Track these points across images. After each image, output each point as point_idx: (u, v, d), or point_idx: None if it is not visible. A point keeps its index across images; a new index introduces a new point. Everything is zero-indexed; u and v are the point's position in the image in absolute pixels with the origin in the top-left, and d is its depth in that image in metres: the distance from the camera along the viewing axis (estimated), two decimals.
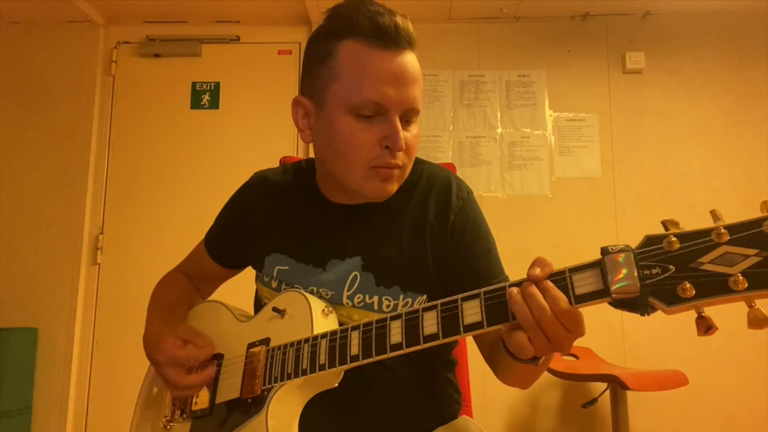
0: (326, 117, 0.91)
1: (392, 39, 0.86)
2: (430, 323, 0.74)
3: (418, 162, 1.03)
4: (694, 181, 2.92)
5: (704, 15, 3.04)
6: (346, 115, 0.88)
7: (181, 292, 1.16)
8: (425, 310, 0.75)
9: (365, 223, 0.99)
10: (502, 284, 0.71)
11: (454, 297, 0.74)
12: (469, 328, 0.71)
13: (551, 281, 0.66)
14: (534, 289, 0.66)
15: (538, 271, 0.67)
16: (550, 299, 0.65)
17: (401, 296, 0.95)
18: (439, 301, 0.75)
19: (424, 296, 0.96)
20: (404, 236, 0.97)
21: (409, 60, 0.89)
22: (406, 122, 0.91)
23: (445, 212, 0.98)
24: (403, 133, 0.88)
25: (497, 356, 0.88)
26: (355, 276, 0.96)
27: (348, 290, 0.95)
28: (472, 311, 0.71)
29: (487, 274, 0.96)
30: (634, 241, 0.62)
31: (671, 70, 3.03)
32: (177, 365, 0.94)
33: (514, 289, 0.68)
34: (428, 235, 0.97)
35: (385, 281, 0.95)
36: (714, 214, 0.57)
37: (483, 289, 0.72)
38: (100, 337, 2.88)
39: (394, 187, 0.93)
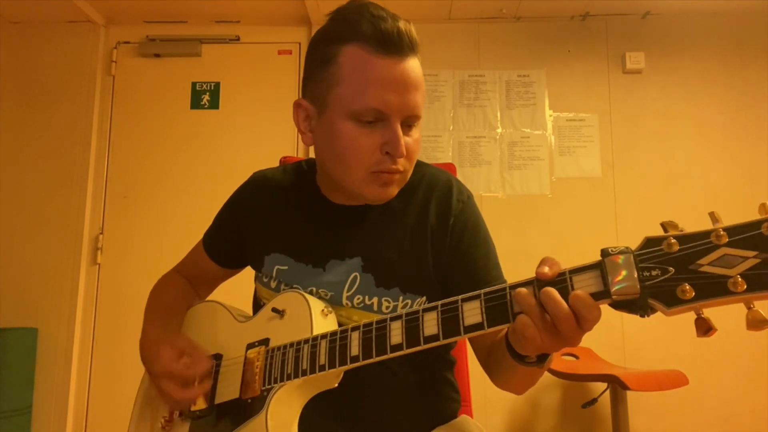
0: (327, 121, 0.90)
1: (395, 46, 0.86)
2: (431, 324, 0.74)
3: (420, 165, 1.03)
4: (694, 181, 2.92)
5: (704, 15, 3.04)
6: (347, 120, 0.88)
7: (179, 293, 1.16)
8: (425, 311, 0.75)
9: (366, 224, 0.99)
10: (502, 285, 0.71)
11: (455, 298, 0.74)
12: (470, 329, 0.71)
13: (551, 282, 0.66)
14: (550, 288, 0.65)
15: (546, 269, 0.66)
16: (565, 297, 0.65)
17: (401, 298, 0.95)
18: (439, 302, 0.75)
19: (424, 298, 0.96)
20: (405, 238, 0.97)
21: (411, 66, 0.88)
22: (408, 127, 0.90)
23: (446, 215, 0.98)
24: (404, 139, 0.88)
25: (497, 360, 0.88)
26: (355, 277, 0.96)
27: (348, 291, 0.96)
28: (472, 312, 0.71)
29: (485, 277, 0.96)
30: (634, 242, 0.62)
31: (671, 70, 3.03)
32: (173, 378, 0.94)
33: (523, 290, 0.67)
34: (429, 237, 0.97)
35: (385, 282, 0.95)
36: (713, 216, 0.57)
37: (483, 290, 0.72)
38: (100, 337, 2.88)
39: (394, 190, 0.93)
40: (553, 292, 0.65)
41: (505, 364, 0.80)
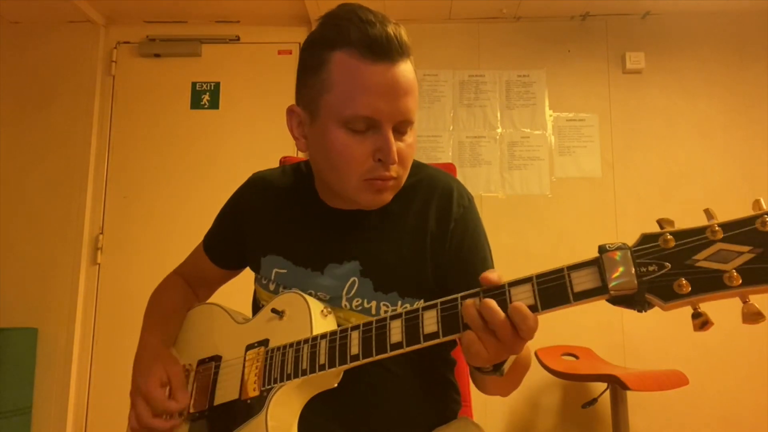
0: (319, 128, 0.90)
1: (384, 51, 0.84)
2: (430, 322, 0.74)
3: (420, 166, 1.02)
4: (694, 181, 2.92)
5: (704, 15, 3.04)
6: (339, 128, 0.87)
7: (177, 299, 1.15)
8: (425, 309, 0.76)
9: (364, 227, 0.98)
10: (502, 284, 0.71)
11: (454, 296, 0.74)
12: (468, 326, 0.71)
13: (549, 278, 0.67)
14: (488, 299, 0.69)
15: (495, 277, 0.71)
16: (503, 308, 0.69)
17: (399, 302, 0.94)
18: (439, 300, 0.75)
19: (422, 302, 0.96)
20: (404, 242, 0.97)
21: (402, 71, 0.86)
22: (400, 133, 0.89)
23: (446, 219, 0.97)
24: (396, 145, 0.87)
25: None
26: (354, 281, 0.96)
27: (347, 294, 0.95)
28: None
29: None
30: (634, 241, 0.62)
31: (671, 70, 3.03)
32: (150, 402, 0.93)
33: (468, 300, 0.71)
34: (428, 241, 0.97)
35: (384, 287, 0.95)
36: (708, 213, 0.58)
37: (481, 288, 0.72)
38: (100, 337, 2.88)
39: (388, 196, 0.93)
40: (491, 302, 0.68)
41: (474, 373, 0.83)
